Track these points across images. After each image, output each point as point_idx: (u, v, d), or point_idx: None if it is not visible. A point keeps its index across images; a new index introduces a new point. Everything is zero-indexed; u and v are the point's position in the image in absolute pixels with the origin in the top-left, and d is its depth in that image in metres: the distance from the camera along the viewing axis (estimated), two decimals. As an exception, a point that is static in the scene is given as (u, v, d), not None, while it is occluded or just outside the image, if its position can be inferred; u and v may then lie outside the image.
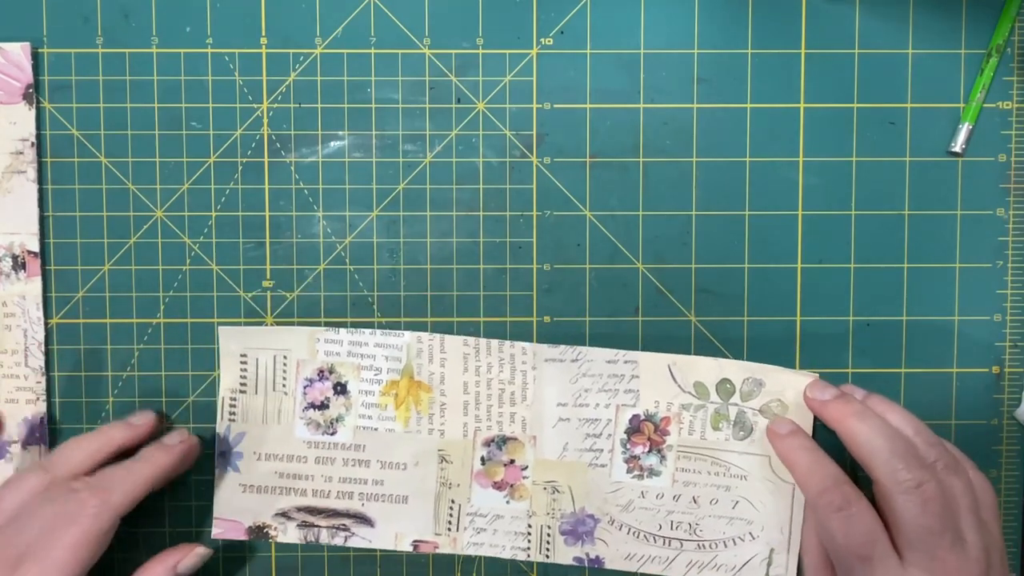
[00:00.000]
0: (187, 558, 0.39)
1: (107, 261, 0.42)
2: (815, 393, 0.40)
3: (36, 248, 0.42)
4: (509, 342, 0.42)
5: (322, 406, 0.42)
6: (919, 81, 0.42)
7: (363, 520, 0.42)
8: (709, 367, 0.42)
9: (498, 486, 0.42)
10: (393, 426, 0.42)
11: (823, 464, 0.38)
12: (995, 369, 0.42)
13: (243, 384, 0.42)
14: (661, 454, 0.42)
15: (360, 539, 0.42)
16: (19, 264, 0.42)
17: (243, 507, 0.42)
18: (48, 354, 0.42)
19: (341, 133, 0.42)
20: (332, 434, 0.42)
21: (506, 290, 0.42)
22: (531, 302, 0.42)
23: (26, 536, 0.35)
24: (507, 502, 0.42)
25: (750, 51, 0.42)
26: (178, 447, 0.40)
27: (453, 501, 0.42)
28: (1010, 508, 0.43)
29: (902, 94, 0.42)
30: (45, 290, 0.42)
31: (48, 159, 0.42)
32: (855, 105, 0.42)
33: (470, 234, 0.42)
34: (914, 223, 0.42)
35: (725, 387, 0.42)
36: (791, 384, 0.41)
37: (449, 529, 0.42)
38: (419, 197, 0.42)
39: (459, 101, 0.42)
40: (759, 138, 0.42)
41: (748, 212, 0.42)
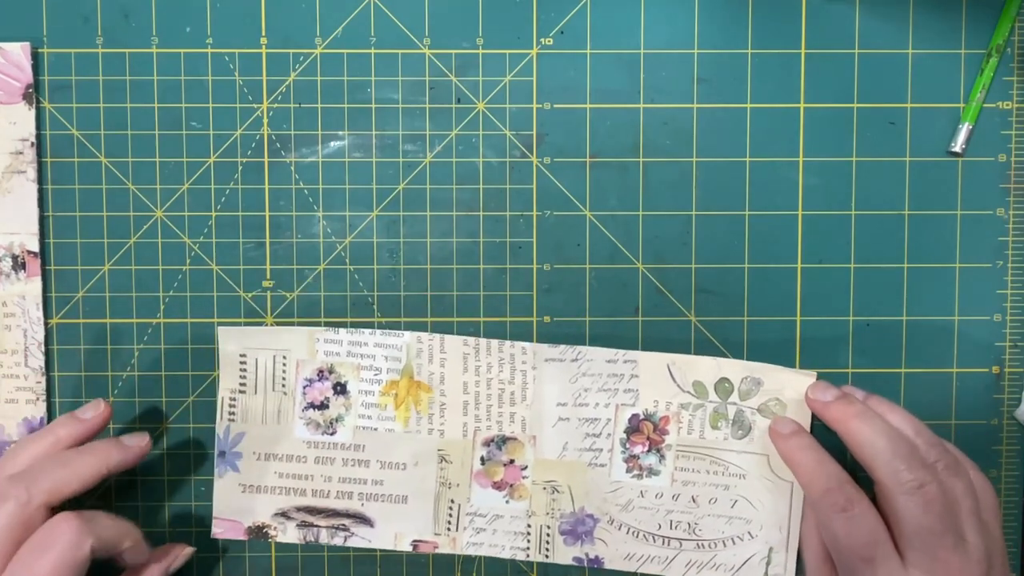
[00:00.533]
0: (177, 560, 0.40)
1: (107, 261, 0.42)
2: (817, 394, 0.40)
3: (36, 248, 0.42)
4: (509, 342, 0.42)
5: (322, 406, 0.42)
6: (919, 81, 0.42)
7: (363, 520, 0.42)
8: (708, 366, 0.42)
9: (498, 486, 0.42)
10: (393, 426, 0.42)
11: (826, 464, 0.38)
12: (995, 369, 0.42)
13: (242, 384, 0.42)
14: (660, 453, 0.42)
15: (360, 539, 0.42)
16: (19, 264, 0.42)
17: (242, 507, 0.42)
18: (48, 354, 0.42)
19: (341, 133, 0.42)
20: (332, 434, 0.42)
21: (506, 290, 0.42)
22: (531, 302, 0.42)
23: None
24: (507, 502, 0.42)
25: (750, 51, 0.42)
26: (134, 449, 0.38)
27: (453, 501, 0.42)
28: (1010, 508, 0.43)
29: (902, 94, 0.42)
30: (45, 290, 0.42)
31: (48, 159, 0.42)
32: (855, 105, 0.42)
33: (470, 234, 0.42)
34: (914, 223, 0.42)
35: (724, 386, 0.42)
36: (789, 383, 0.41)
37: (449, 529, 0.42)
38: (419, 197, 0.42)
39: (459, 101, 0.42)
40: (759, 138, 0.42)
41: (748, 212, 0.42)
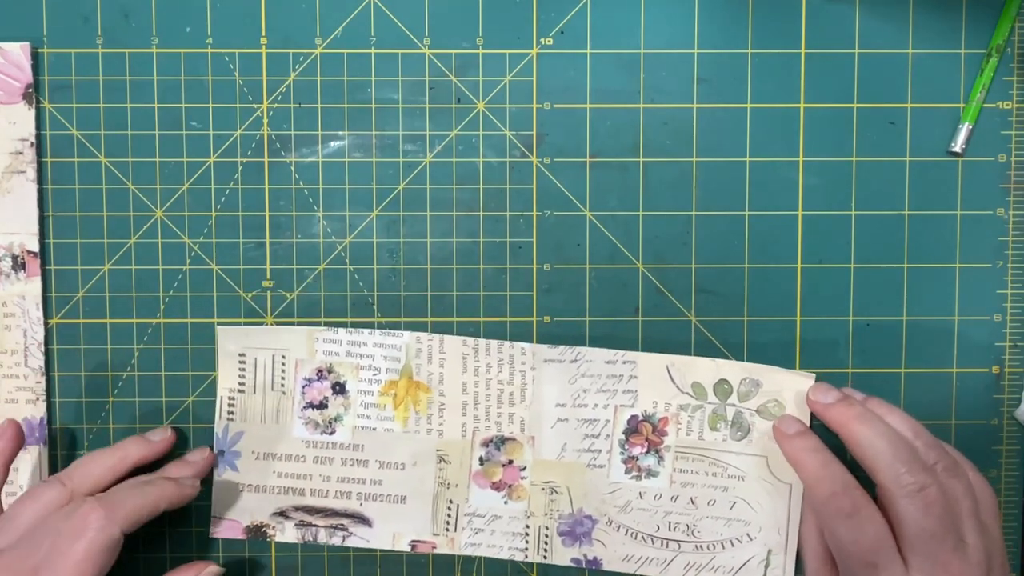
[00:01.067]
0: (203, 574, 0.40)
1: (107, 261, 0.42)
2: (818, 396, 0.40)
3: (36, 248, 0.42)
4: (508, 342, 0.42)
5: (321, 406, 0.42)
6: (919, 81, 0.42)
7: (361, 520, 0.42)
8: (707, 368, 0.42)
9: (496, 486, 0.42)
10: (392, 426, 0.42)
11: (832, 468, 0.37)
12: (995, 369, 0.42)
13: (241, 384, 0.42)
14: (659, 455, 0.42)
15: (358, 539, 0.42)
16: (19, 264, 0.42)
17: (241, 506, 0.42)
18: (48, 354, 0.42)
19: (341, 133, 0.42)
20: (330, 434, 0.42)
21: (506, 290, 0.42)
22: (531, 302, 0.42)
23: (40, 550, 0.35)
24: (505, 502, 0.42)
25: (750, 51, 0.42)
26: (188, 489, 0.39)
27: (451, 501, 0.42)
28: (1010, 508, 0.43)
29: (902, 94, 0.42)
30: (45, 290, 0.42)
31: (48, 159, 0.42)
32: (855, 105, 0.42)
33: (470, 234, 0.42)
34: (914, 223, 0.42)
35: (723, 387, 0.42)
36: (788, 384, 0.41)
37: (447, 529, 0.42)
38: (419, 197, 0.42)
39: (459, 101, 0.42)
40: (759, 138, 0.42)
41: (748, 212, 0.42)
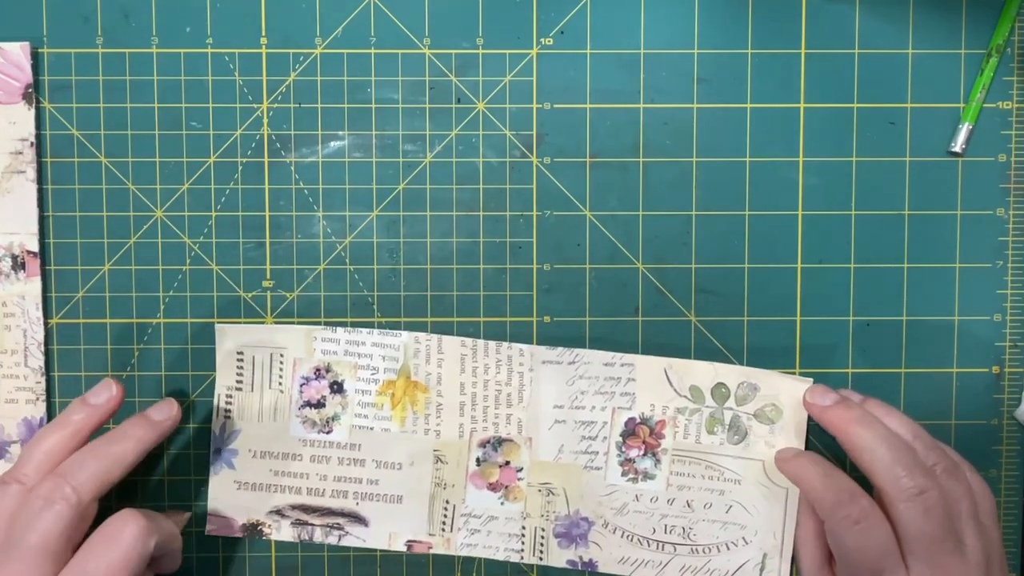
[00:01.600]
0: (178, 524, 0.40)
1: (107, 261, 0.42)
2: (815, 399, 0.39)
3: (36, 248, 0.42)
4: (507, 343, 0.42)
5: (318, 404, 0.42)
6: (919, 81, 0.42)
7: (357, 519, 0.42)
8: (705, 371, 0.42)
9: (493, 487, 0.42)
10: (389, 426, 0.42)
11: (836, 477, 0.37)
12: (995, 369, 0.42)
13: (239, 382, 0.42)
14: (656, 457, 0.42)
15: (354, 538, 0.42)
16: (19, 264, 0.42)
17: (237, 504, 0.42)
18: (48, 354, 0.42)
19: (341, 133, 0.42)
20: (328, 432, 0.42)
21: (506, 290, 0.42)
22: (531, 302, 0.42)
23: (37, 567, 0.33)
24: (501, 503, 0.42)
25: (750, 51, 0.42)
26: (165, 423, 0.38)
27: (448, 502, 0.42)
28: (1010, 508, 0.43)
29: (902, 94, 0.42)
30: (45, 290, 0.42)
31: (48, 159, 0.42)
32: (855, 105, 0.42)
33: (470, 234, 0.42)
34: (914, 223, 0.42)
35: (720, 391, 0.41)
36: (786, 389, 0.41)
37: (443, 529, 0.42)
38: (419, 197, 0.42)
39: (459, 101, 0.42)
40: (759, 138, 0.42)
41: (748, 212, 0.42)
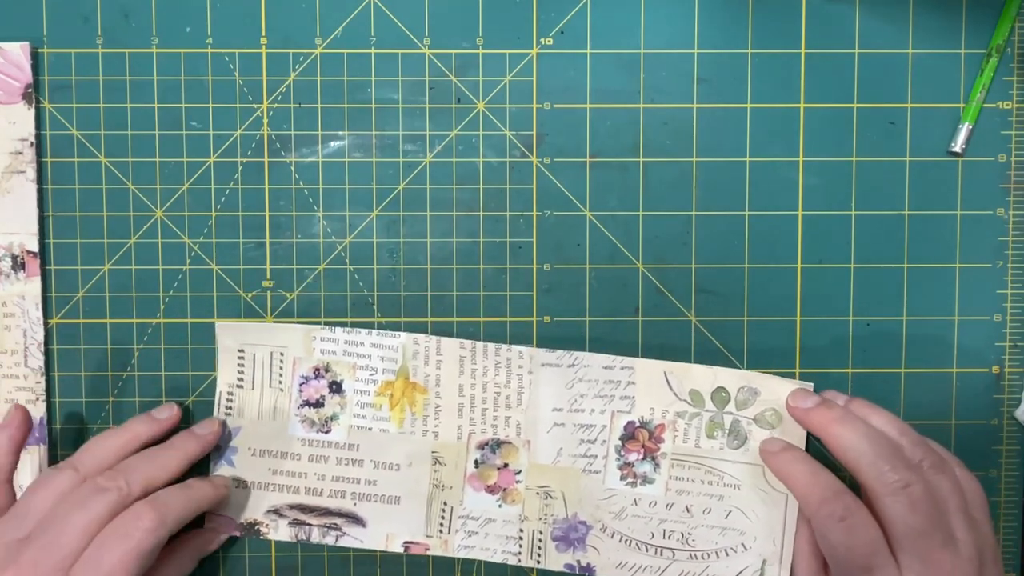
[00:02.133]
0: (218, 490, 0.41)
1: (107, 261, 0.42)
2: (797, 402, 0.40)
3: (35, 248, 0.42)
4: (506, 346, 0.42)
5: (317, 404, 0.42)
6: (919, 81, 0.42)
7: (354, 520, 0.42)
8: (705, 375, 0.41)
9: (491, 489, 0.42)
10: (387, 426, 0.42)
11: (821, 475, 0.37)
12: (995, 369, 0.42)
13: (240, 379, 0.42)
14: (655, 462, 0.42)
15: (351, 539, 0.42)
16: (19, 264, 0.42)
17: (235, 503, 0.42)
18: (48, 354, 0.42)
19: (341, 133, 0.42)
20: (326, 432, 0.42)
21: (506, 290, 0.42)
22: (531, 302, 0.42)
23: (69, 541, 0.35)
24: (499, 506, 0.42)
25: (750, 51, 0.42)
26: (208, 437, 0.40)
27: (445, 503, 0.42)
28: (1010, 508, 0.43)
29: (902, 94, 0.42)
30: (45, 290, 0.42)
31: (48, 159, 0.42)
32: (855, 105, 0.42)
33: (470, 234, 0.42)
34: (914, 223, 0.42)
35: (720, 395, 0.41)
36: (786, 393, 0.41)
37: (441, 531, 0.42)
38: (419, 197, 0.42)
39: (459, 101, 0.42)
40: (759, 138, 0.42)
41: (748, 212, 0.42)
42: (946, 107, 0.42)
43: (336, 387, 0.42)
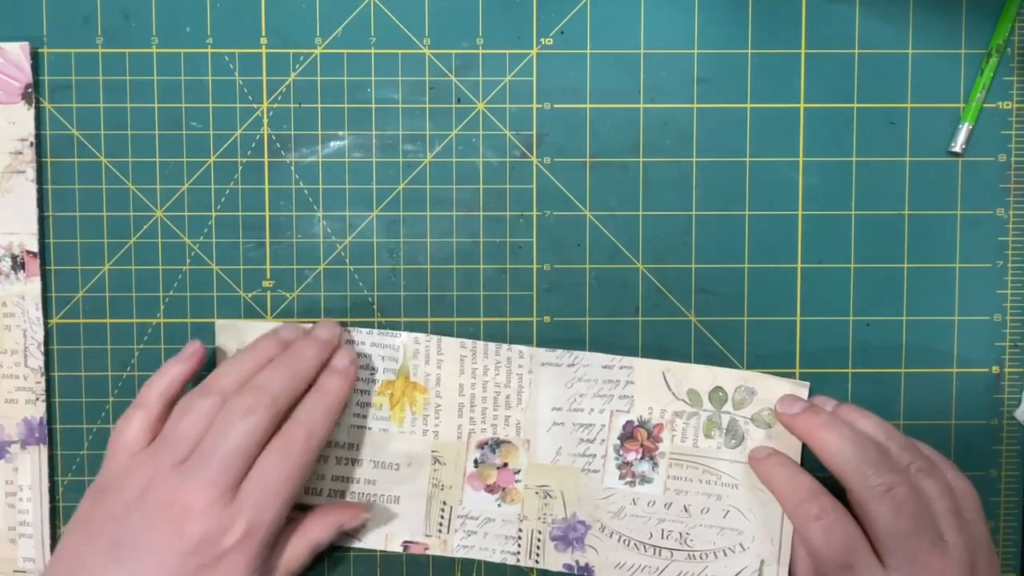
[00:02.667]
0: (353, 520, 0.40)
1: (107, 261, 0.42)
2: (784, 408, 0.40)
3: (35, 248, 0.42)
4: (506, 345, 0.42)
5: None
6: (919, 81, 0.42)
7: None
8: (703, 375, 0.41)
9: (490, 489, 0.42)
10: (387, 426, 0.42)
11: (799, 477, 0.38)
12: (995, 369, 0.42)
13: None
14: (653, 461, 0.42)
15: (350, 538, 0.42)
16: (18, 264, 0.42)
17: None
18: (48, 354, 0.42)
19: (341, 133, 0.42)
20: None
21: (506, 290, 0.42)
22: (531, 302, 0.42)
23: (234, 462, 0.35)
24: (499, 505, 0.42)
25: (750, 51, 0.42)
26: (333, 341, 0.40)
27: (445, 503, 0.42)
28: (1010, 508, 0.43)
29: (902, 94, 0.42)
30: (45, 290, 0.42)
31: (48, 159, 0.42)
32: (855, 105, 0.42)
33: (470, 234, 0.42)
34: (914, 223, 0.42)
35: (718, 395, 0.41)
36: (783, 393, 0.41)
37: (440, 531, 0.42)
38: (419, 197, 0.42)
39: (459, 101, 0.42)
40: (759, 138, 0.42)
41: (748, 212, 0.42)
42: (946, 107, 0.42)
43: None
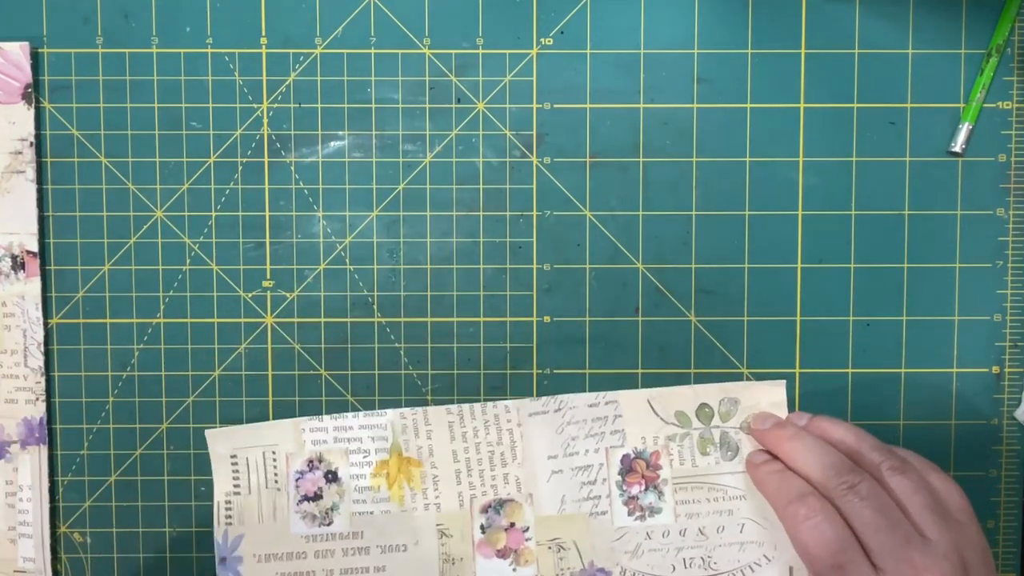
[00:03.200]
0: None
1: (107, 261, 0.42)
2: (756, 424, 0.41)
3: (35, 248, 0.42)
4: (491, 403, 0.42)
5: (315, 497, 0.41)
6: (919, 81, 0.42)
7: None
8: (686, 395, 0.41)
9: (502, 554, 0.41)
10: (389, 507, 0.41)
11: (788, 480, 0.38)
12: (995, 369, 0.42)
13: (236, 485, 0.41)
14: (658, 490, 0.41)
15: None
16: (18, 264, 0.42)
17: None
18: (48, 354, 0.42)
19: (341, 133, 0.42)
20: (328, 524, 0.41)
21: (506, 290, 0.42)
22: (531, 302, 0.42)
23: None
24: (514, 569, 0.41)
25: (750, 51, 0.42)
26: None
27: None
28: (1010, 508, 0.43)
29: (902, 94, 0.42)
30: (45, 290, 0.42)
31: (48, 159, 0.42)
32: (855, 105, 0.42)
33: (470, 234, 0.42)
34: (914, 223, 0.42)
35: (704, 411, 0.41)
36: (764, 396, 0.41)
37: None
38: (419, 197, 0.42)
39: (459, 101, 0.42)
40: (759, 138, 0.42)
41: (748, 212, 0.42)
42: (946, 107, 0.42)
43: (332, 476, 0.41)
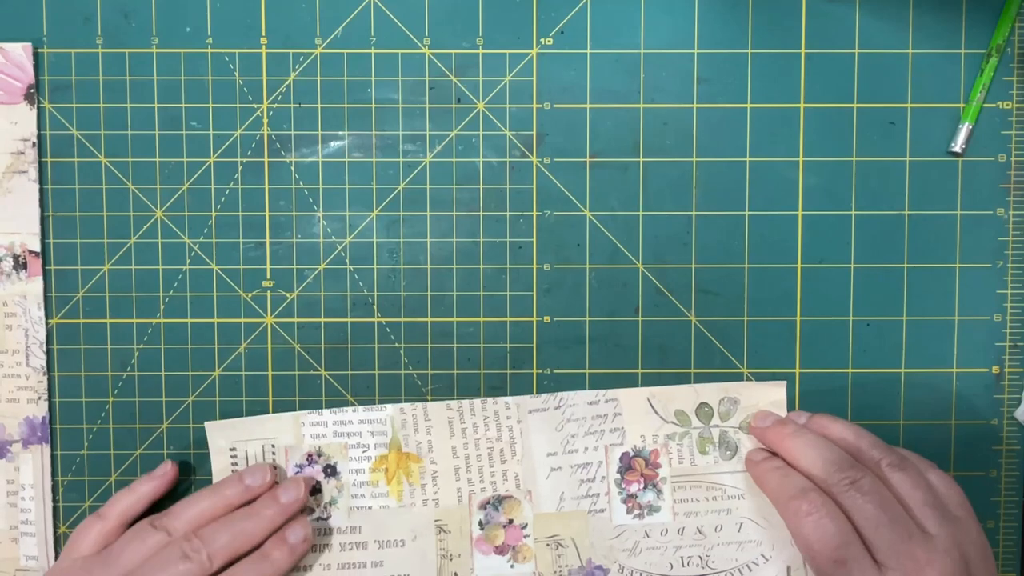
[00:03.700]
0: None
1: (107, 261, 0.42)
2: (757, 422, 0.41)
3: (37, 248, 0.42)
4: (491, 399, 0.42)
5: (314, 491, 0.41)
6: (919, 81, 0.42)
7: None
8: (686, 394, 0.42)
9: (500, 550, 0.41)
10: (387, 502, 0.41)
11: (790, 477, 0.38)
12: (995, 369, 0.42)
13: None
14: (657, 488, 0.41)
15: None
16: (20, 264, 0.42)
17: None
18: (49, 354, 0.42)
19: (341, 133, 0.42)
20: (326, 519, 0.41)
21: (506, 290, 0.42)
22: (531, 302, 0.42)
23: None
24: (512, 566, 0.41)
25: (750, 51, 0.42)
26: (294, 505, 0.39)
27: (456, 574, 0.41)
28: (1010, 508, 0.43)
29: (902, 94, 0.42)
30: (46, 290, 0.42)
31: (49, 159, 0.42)
32: (855, 105, 0.42)
33: (470, 234, 0.42)
34: (914, 223, 0.42)
35: (704, 410, 0.41)
36: (763, 396, 0.41)
37: None
38: (419, 197, 0.42)
39: (459, 101, 0.42)
40: (759, 138, 0.42)
41: (748, 212, 0.42)
42: (946, 107, 0.42)
43: (331, 470, 0.41)
